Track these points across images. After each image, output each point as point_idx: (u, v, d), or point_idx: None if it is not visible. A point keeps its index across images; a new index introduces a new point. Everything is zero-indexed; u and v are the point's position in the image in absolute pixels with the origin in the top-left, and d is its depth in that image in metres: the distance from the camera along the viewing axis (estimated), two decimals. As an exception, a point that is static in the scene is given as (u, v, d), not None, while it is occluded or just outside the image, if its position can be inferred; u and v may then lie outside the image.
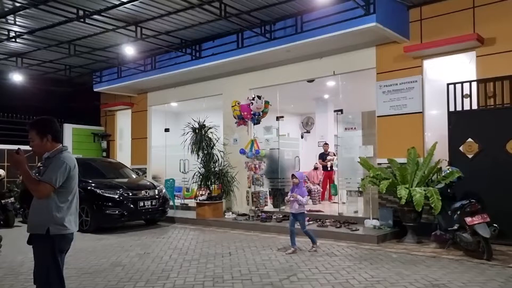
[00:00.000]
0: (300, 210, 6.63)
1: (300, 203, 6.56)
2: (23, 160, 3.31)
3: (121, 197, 9.16)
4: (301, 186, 6.74)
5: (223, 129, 11.22)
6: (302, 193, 6.63)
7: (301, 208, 6.64)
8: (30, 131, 3.38)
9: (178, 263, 6.11)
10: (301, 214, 6.67)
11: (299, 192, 6.63)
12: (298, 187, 6.69)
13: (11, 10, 8.26)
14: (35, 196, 3.26)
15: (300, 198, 6.54)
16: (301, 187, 6.73)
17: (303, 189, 6.72)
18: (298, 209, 6.62)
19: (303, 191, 6.70)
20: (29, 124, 3.42)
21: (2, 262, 6.31)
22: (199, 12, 8.49)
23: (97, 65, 12.43)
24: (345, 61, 9.04)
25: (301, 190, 6.66)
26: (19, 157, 3.28)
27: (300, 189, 6.68)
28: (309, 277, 5.24)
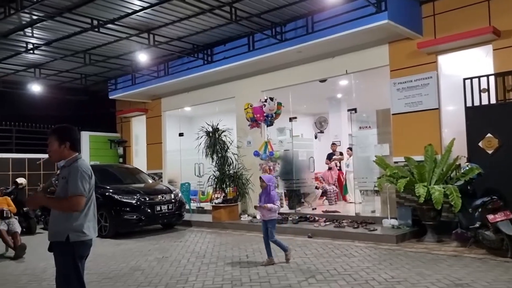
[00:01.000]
0: (270, 216, 6.03)
1: (271, 210, 5.98)
2: (41, 196, 3.48)
3: (138, 202, 9.26)
4: (271, 190, 6.11)
5: (236, 132, 11.25)
6: (271, 198, 6.04)
7: (271, 214, 6.03)
8: (50, 136, 3.45)
9: (196, 266, 6.14)
10: (272, 221, 6.06)
11: (267, 197, 6.07)
12: (266, 191, 6.11)
13: (28, 23, 8.45)
14: (72, 211, 3.29)
15: (271, 206, 5.97)
16: (270, 191, 6.10)
17: (272, 193, 6.09)
18: (268, 215, 6.03)
19: (273, 195, 6.08)
20: (50, 130, 3.51)
21: (26, 269, 6.44)
22: (210, 17, 8.54)
23: (111, 73, 12.62)
24: (357, 59, 8.98)
25: (269, 195, 6.07)
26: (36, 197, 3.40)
27: (269, 194, 6.08)
28: (328, 278, 5.20)
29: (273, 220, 6.08)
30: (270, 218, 6.05)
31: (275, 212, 6.07)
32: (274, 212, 6.05)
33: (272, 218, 6.06)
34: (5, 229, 7.45)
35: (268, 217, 6.04)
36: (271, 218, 6.05)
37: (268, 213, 6.03)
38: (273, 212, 6.04)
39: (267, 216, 6.04)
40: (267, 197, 6.08)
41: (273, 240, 6.05)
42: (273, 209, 6.02)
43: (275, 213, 6.09)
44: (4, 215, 7.64)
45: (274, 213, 6.07)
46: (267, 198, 6.07)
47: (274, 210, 6.04)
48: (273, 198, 6.07)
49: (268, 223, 6.05)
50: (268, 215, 6.04)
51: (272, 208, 6.00)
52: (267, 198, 6.07)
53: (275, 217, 6.10)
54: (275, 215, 6.11)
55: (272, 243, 6.07)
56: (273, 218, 6.07)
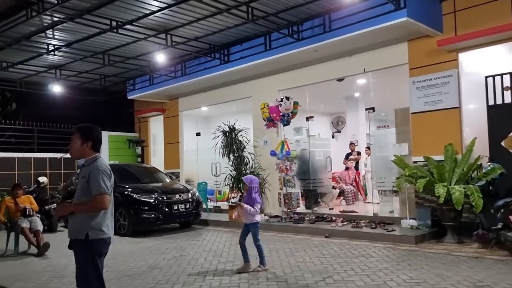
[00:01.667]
0: (251, 220, 5.65)
1: (249, 212, 5.60)
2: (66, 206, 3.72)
3: (156, 201, 9.36)
4: (253, 192, 5.71)
5: (253, 132, 11.26)
6: (252, 200, 5.65)
7: (252, 218, 5.64)
8: (74, 134, 3.52)
9: (213, 265, 6.17)
10: (253, 225, 5.67)
11: (248, 199, 5.69)
12: (249, 193, 5.74)
13: (50, 24, 8.63)
14: (99, 210, 3.36)
15: (246, 207, 5.61)
16: (251, 194, 5.70)
17: (253, 196, 5.68)
18: (248, 218, 5.67)
19: (254, 198, 5.67)
20: (75, 127, 3.57)
21: (48, 266, 6.58)
22: (227, 17, 8.57)
23: (130, 73, 12.79)
24: (375, 58, 8.87)
25: (250, 197, 5.68)
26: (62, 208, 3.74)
27: (250, 196, 5.69)
28: (345, 279, 5.15)
29: (254, 223, 5.66)
30: (251, 222, 5.66)
31: (255, 216, 5.64)
32: (254, 215, 5.63)
33: (254, 222, 5.66)
34: (27, 226, 7.62)
35: (249, 221, 5.66)
36: (252, 221, 5.65)
37: (249, 216, 5.65)
38: (253, 215, 5.62)
39: (248, 220, 5.66)
40: (248, 199, 5.71)
41: (257, 244, 5.66)
42: (250, 211, 5.59)
43: (256, 217, 5.67)
44: (27, 213, 7.80)
45: (255, 217, 5.65)
46: (247, 200, 5.71)
47: (252, 213, 5.61)
48: (253, 201, 5.65)
49: (249, 227, 5.67)
50: (249, 219, 5.66)
51: (249, 210, 5.58)
52: (249, 200, 5.69)
53: (256, 221, 5.67)
54: (257, 219, 5.68)
55: (256, 247, 5.67)
56: (254, 222, 5.66)
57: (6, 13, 7.98)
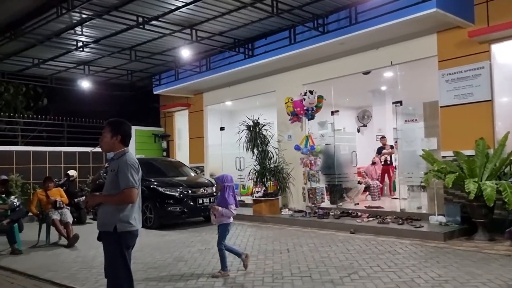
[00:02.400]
0: (220, 221, 5.29)
1: (223, 214, 5.25)
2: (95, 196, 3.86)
3: (181, 194, 9.48)
4: (226, 192, 5.30)
5: (277, 126, 11.23)
6: (225, 201, 5.27)
7: (221, 219, 5.28)
8: (105, 127, 3.61)
9: (237, 259, 6.15)
10: (221, 226, 5.29)
11: (221, 200, 5.33)
12: (222, 193, 5.36)
13: (78, 21, 8.84)
14: (127, 203, 3.44)
15: (220, 210, 5.25)
16: (224, 193, 5.29)
17: (225, 196, 5.28)
18: (219, 219, 5.30)
19: (227, 198, 5.27)
20: (106, 122, 3.66)
21: (77, 257, 6.79)
22: (251, 11, 8.55)
23: (156, 68, 12.96)
24: (403, 50, 8.66)
25: (223, 198, 5.30)
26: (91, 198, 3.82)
27: (223, 196, 5.31)
28: (371, 275, 5.08)
29: (223, 225, 5.28)
30: (219, 223, 5.30)
31: (227, 217, 5.28)
32: (226, 217, 5.27)
33: (222, 223, 5.28)
34: (58, 218, 7.86)
35: (219, 222, 5.30)
36: (221, 222, 5.29)
37: (219, 217, 5.28)
38: (224, 216, 5.26)
39: (218, 220, 5.29)
40: (221, 200, 5.32)
41: (219, 247, 5.28)
42: (223, 213, 5.23)
43: (228, 218, 5.29)
44: (57, 205, 8.05)
45: (226, 218, 5.28)
46: (221, 201, 5.32)
47: (226, 215, 5.26)
48: (227, 201, 5.25)
49: (219, 227, 5.31)
50: (218, 219, 5.29)
51: (221, 211, 5.23)
52: (222, 201, 5.31)
53: (226, 223, 5.28)
54: (228, 220, 5.29)
55: (218, 250, 5.31)
56: (223, 223, 5.28)
57: (37, 11, 8.21)
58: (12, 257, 6.97)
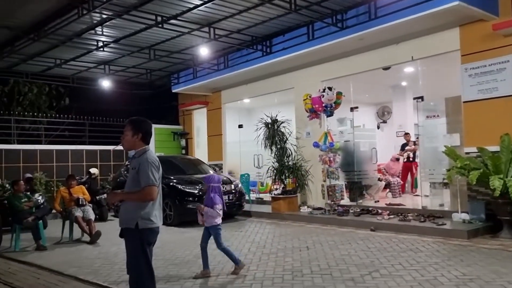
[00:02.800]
0: (210, 222, 5.21)
1: (209, 214, 5.18)
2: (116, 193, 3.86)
3: (200, 192, 9.52)
4: (211, 192, 5.25)
5: (295, 123, 11.18)
6: (210, 201, 5.21)
7: (211, 220, 5.20)
8: (127, 126, 3.65)
9: (256, 256, 6.21)
10: (213, 228, 5.23)
11: (207, 200, 5.28)
12: (207, 194, 5.33)
13: (99, 22, 8.98)
14: (147, 201, 3.48)
15: (202, 207, 5.24)
16: (210, 194, 5.25)
17: (210, 196, 5.23)
18: (208, 221, 5.22)
19: (213, 198, 5.21)
20: (128, 120, 3.71)
21: (99, 253, 6.91)
22: (269, 8, 8.52)
23: (174, 67, 13.07)
24: (424, 45, 8.49)
25: (209, 197, 5.26)
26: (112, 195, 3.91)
27: (208, 196, 5.27)
28: (393, 273, 5.01)
29: (214, 226, 5.22)
30: (210, 224, 5.21)
31: (215, 218, 5.20)
32: (215, 217, 5.20)
33: (213, 225, 5.21)
34: (81, 215, 8.01)
35: (208, 223, 5.22)
36: (211, 224, 5.21)
37: (209, 218, 5.20)
38: (213, 217, 5.19)
39: (208, 222, 5.22)
40: (207, 200, 5.28)
41: (221, 248, 5.26)
42: (210, 213, 5.17)
43: (216, 219, 5.21)
44: (80, 203, 8.20)
45: (216, 219, 5.21)
46: (207, 201, 5.28)
47: (213, 215, 5.18)
48: (214, 201, 5.19)
49: (210, 229, 5.25)
50: (208, 221, 5.21)
51: (206, 211, 5.18)
52: (207, 201, 5.27)
53: (216, 223, 5.21)
54: (216, 221, 5.21)
55: (222, 251, 5.28)
56: (213, 225, 5.21)
57: (59, 12, 8.37)
58: (37, 253, 7.15)
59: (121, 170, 11.74)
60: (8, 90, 15.93)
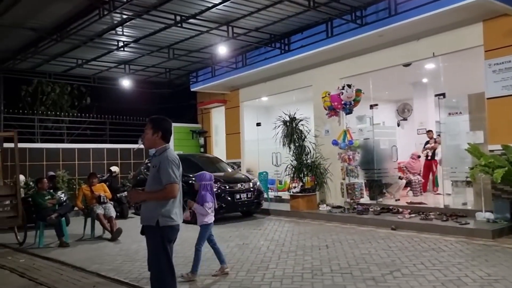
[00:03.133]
0: (201, 221, 5.12)
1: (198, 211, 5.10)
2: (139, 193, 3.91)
3: (219, 190, 9.55)
4: (203, 190, 5.15)
5: (314, 121, 11.11)
6: (201, 199, 5.10)
7: (202, 219, 5.11)
8: (147, 124, 3.71)
9: (276, 254, 6.20)
10: (201, 226, 5.12)
11: (198, 197, 5.17)
12: (198, 191, 5.20)
13: (119, 22, 9.11)
14: (169, 199, 3.52)
15: (192, 203, 5.15)
16: (201, 192, 5.14)
17: (201, 194, 5.12)
18: (198, 219, 5.16)
19: (204, 196, 5.10)
20: (148, 118, 3.76)
21: (120, 250, 7.02)
22: (287, 6, 8.49)
23: (193, 66, 13.17)
24: (446, 40, 8.31)
25: (199, 195, 5.15)
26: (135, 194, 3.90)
27: (199, 194, 5.16)
28: (415, 273, 4.93)
29: (203, 225, 5.11)
30: (200, 223, 5.13)
31: (205, 217, 5.09)
32: (204, 216, 5.09)
33: (203, 223, 5.10)
34: (102, 213, 8.12)
35: (199, 222, 5.15)
36: (201, 223, 5.12)
37: (198, 217, 5.14)
38: (203, 215, 5.09)
39: (198, 220, 5.15)
40: (198, 197, 5.16)
41: (197, 247, 5.09)
42: (199, 210, 5.09)
43: (206, 218, 5.09)
44: (101, 200, 8.31)
45: (204, 218, 5.09)
46: (198, 198, 5.16)
47: (202, 213, 5.09)
48: (203, 200, 5.07)
49: (200, 228, 5.16)
50: (199, 219, 5.14)
51: (197, 209, 5.09)
52: (198, 198, 5.15)
53: (206, 222, 5.09)
54: (206, 220, 5.09)
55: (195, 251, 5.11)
56: (203, 223, 5.10)
57: (81, 14, 8.53)
58: (60, 249, 7.29)
59: (141, 168, 11.89)
60: (32, 90, 16.31)
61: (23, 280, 5.46)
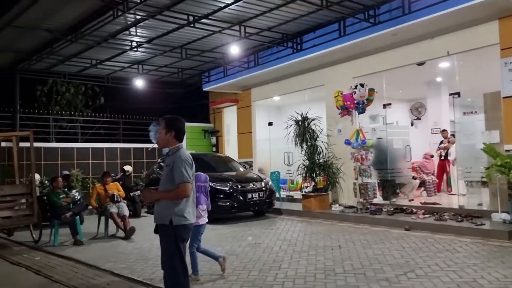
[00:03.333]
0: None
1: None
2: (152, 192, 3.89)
3: (231, 189, 9.60)
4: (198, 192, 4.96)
5: (326, 120, 11.05)
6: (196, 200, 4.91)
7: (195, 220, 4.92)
8: (161, 124, 3.75)
9: (288, 254, 6.19)
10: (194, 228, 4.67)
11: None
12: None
13: (133, 23, 9.20)
14: (182, 198, 3.54)
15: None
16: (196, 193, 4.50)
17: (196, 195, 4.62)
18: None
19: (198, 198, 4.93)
20: (161, 118, 3.81)
21: (134, 248, 7.08)
22: (300, 5, 8.47)
23: (205, 66, 13.24)
24: (461, 39, 8.20)
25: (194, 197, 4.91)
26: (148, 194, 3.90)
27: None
28: (429, 274, 4.87)
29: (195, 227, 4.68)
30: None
31: (198, 218, 4.89)
32: (198, 217, 4.87)
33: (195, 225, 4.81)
34: (116, 212, 8.20)
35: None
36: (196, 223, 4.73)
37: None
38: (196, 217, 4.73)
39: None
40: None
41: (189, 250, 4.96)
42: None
43: (199, 219, 4.94)
44: (115, 199, 8.38)
45: (198, 219, 4.87)
46: None
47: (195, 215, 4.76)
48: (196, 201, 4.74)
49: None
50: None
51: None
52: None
53: (197, 224, 4.89)
54: (199, 222, 4.95)
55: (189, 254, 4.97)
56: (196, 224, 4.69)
57: (95, 14, 8.63)
58: (74, 247, 7.38)
59: (153, 167, 11.98)
60: (47, 90, 16.56)
61: (39, 278, 5.53)
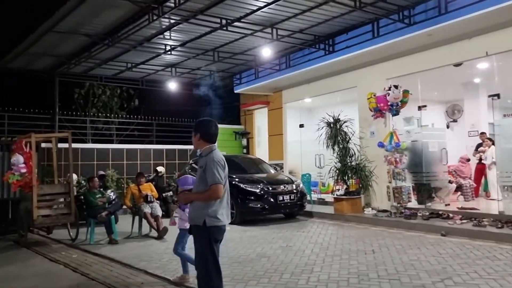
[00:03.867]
0: (181, 225, 5.13)
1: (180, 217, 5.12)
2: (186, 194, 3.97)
3: (262, 191, 9.62)
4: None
5: (358, 122, 10.90)
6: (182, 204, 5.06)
7: (182, 223, 5.08)
8: (194, 127, 3.89)
9: (320, 257, 6.14)
10: (181, 231, 5.12)
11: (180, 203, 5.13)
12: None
13: (167, 27, 9.40)
14: (214, 199, 3.59)
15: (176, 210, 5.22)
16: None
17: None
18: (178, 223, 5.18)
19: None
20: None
21: (166, 248, 7.17)
22: (332, 6, 8.40)
23: (236, 68, 13.35)
24: (500, 39, 7.90)
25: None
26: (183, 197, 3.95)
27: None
28: (468, 281, 4.72)
29: (182, 230, 5.09)
30: (180, 227, 5.14)
31: (185, 222, 4.91)
32: (185, 221, 4.90)
33: (181, 228, 5.09)
34: (149, 212, 8.36)
35: (178, 225, 5.17)
36: (181, 226, 5.11)
37: (179, 221, 5.18)
38: (183, 220, 5.01)
39: (178, 224, 5.17)
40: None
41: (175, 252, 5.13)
42: (179, 215, 5.11)
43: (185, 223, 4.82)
44: (148, 199, 8.52)
45: (184, 223, 4.92)
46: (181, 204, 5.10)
47: (181, 217, 5.10)
48: (183, 205, 4.99)
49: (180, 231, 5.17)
50: (179, 223, 5.17)
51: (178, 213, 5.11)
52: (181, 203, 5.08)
53: (185, 227, 4.90)
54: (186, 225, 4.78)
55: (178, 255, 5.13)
56: (182, 228, 5.06)
57: (131, 19, 8.88)
58: (109, 246, 7.58)
59: (185, 168, 12.16)
60: (84, 93, 17.15)
61: (76, 275, 5.71)
